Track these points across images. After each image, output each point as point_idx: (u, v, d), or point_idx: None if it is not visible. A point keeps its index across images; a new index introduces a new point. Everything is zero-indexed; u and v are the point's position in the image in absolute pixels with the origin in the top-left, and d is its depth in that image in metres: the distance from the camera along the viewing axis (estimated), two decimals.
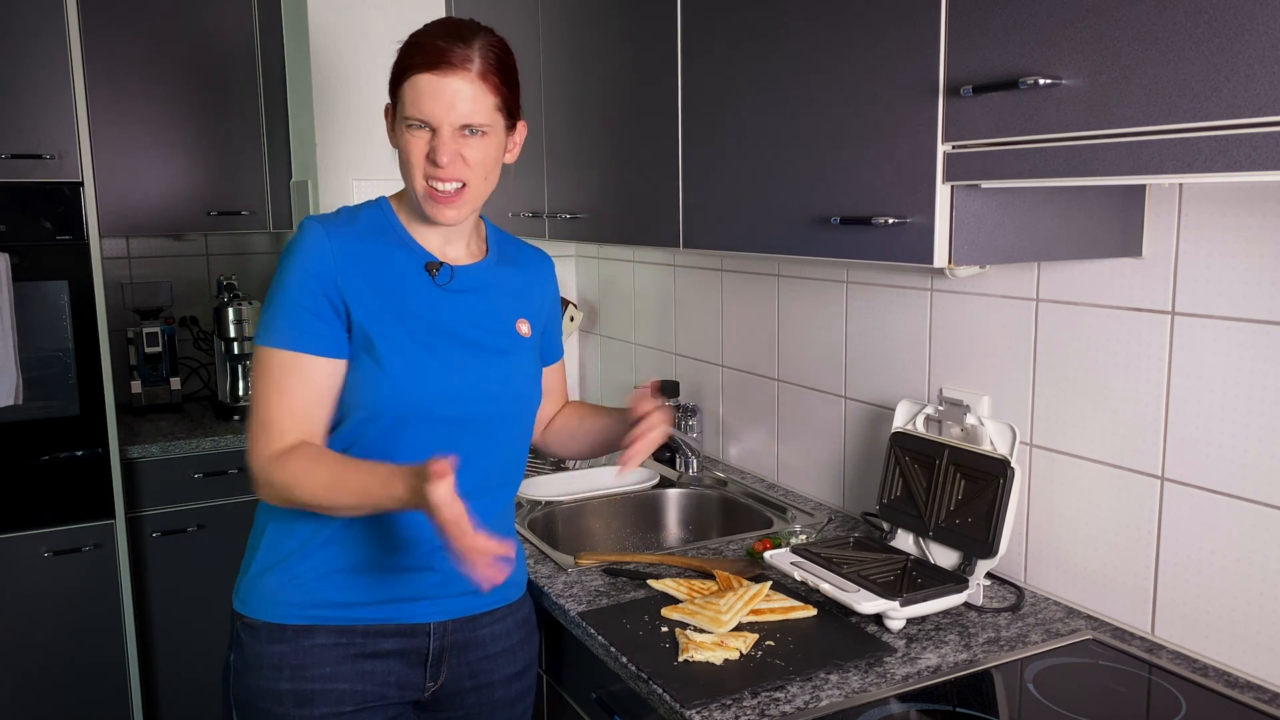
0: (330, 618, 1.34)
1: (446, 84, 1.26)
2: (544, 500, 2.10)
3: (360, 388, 1.31)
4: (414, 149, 1.29)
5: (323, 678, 1.32)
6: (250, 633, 1.35)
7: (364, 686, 1.34)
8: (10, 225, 2.45)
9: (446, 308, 1.36)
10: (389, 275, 1.34)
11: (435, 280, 1.36)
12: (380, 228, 1.36)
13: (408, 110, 1.28)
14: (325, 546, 1.34)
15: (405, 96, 1.28)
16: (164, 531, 2.73)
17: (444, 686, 1.42)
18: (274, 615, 1.34)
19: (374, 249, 1.34)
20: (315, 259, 1.29)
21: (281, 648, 1.32)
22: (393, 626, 1.36)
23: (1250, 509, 1.28)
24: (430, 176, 1.30)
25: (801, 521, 1.94)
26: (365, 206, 1.39)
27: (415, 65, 1.27)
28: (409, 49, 1.30)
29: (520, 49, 2.37)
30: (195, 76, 2.94)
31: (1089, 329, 1.47)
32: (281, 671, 1.32)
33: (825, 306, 2.01)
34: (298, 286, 1.29)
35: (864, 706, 1.23)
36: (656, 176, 1.84)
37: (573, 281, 3.08)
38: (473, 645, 1.43)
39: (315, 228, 1.31)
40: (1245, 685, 1.28)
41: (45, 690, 2.56)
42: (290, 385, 1.28)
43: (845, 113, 1.36)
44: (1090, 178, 1.04)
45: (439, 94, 1.26)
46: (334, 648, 1.33)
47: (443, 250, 1.40)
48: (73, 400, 2.54)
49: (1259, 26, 0.87)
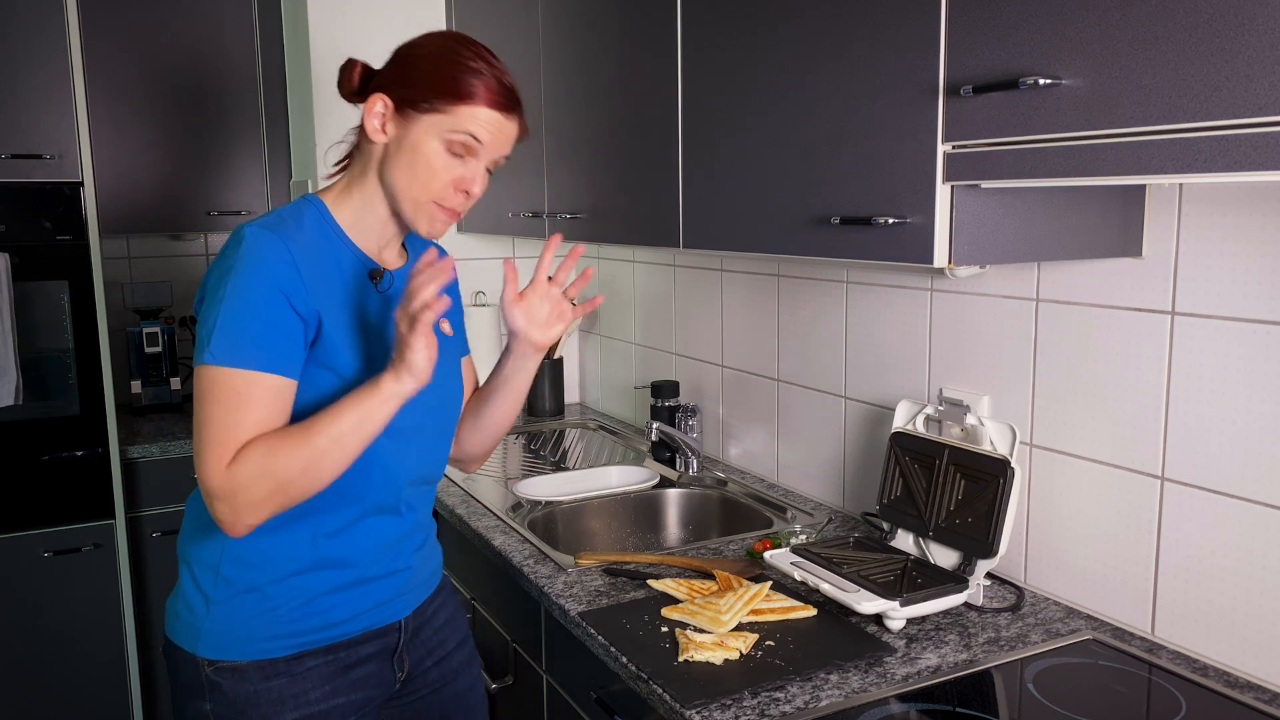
0: (317, 640, 1.31)
1: (507, 126, 1.28)
2: (544, 500, 2.10)
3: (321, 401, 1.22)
4: (447, 168, 1.26)
5: (324, 696, 1.32)
6: (233, 676, 1.27)
7: (355, 695, 1.35)
8: (10, 225, 2.45)
9: (388, 314, 1.32)
10: (340, 282, 1.28)
11: (378, 287, 1.32)
12: (324, 232, 1.29)
13: (463, 126, 1.24)
14: (303, 575, 1.29)
15: (460, 119, 1.24)
16: (164, 531, 2.73)
17: (410, 672, 1.44)
18: (260, 653, 1.28)
19: (325, 254, 1.27)
20: (280, 272, 1.19)
21: (278, 681, 1.28)
22: (373, 631, 1.37)
23: (1250, 509, 1.28)
24: (445, 199, 1.27)
25: (801, 521, 1.94)
26: (305, 208, 1.29)
27: (486, 99, 1.25)
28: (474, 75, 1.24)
29: (520, 49, 2.37)
30: (195, 76, 2.94)
31: (1089, 329, 1.47)
32: (284, 704, 1.28)
33: (825, 306, 2.01)
34: (265, 301, 1.18)
35: (864, 706, 1.23)
36: (656, 176, 1.83)
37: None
38: (423, 627, 1.46)
39: (263, 234, 1.20)
40: (1245, 685, 1.28)
41: (45, 690, 2.56)
42: (249, 402, 1.16)
43: (845, 113, 1.36)
44: (1090, 178, 1.04)
45: (499, 132, 1.27)
46: (325, 665, 1.32)
47: (380, 254, 1.35)
48: (73, 400, 2.54)
49: (1259, 26, 0.87)
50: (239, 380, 1.17)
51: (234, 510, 1.15)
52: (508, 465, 2.43)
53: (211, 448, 1.15)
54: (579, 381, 3.13)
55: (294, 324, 1.20)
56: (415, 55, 1.28)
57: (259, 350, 1.17)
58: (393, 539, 1.36)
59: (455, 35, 1.31)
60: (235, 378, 1.17)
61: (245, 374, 1.17)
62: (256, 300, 1.18)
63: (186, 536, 1.34)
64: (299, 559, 1.28)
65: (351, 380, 1.25)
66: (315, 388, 1.24)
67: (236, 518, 1.16)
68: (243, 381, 1.17)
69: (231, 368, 1.16)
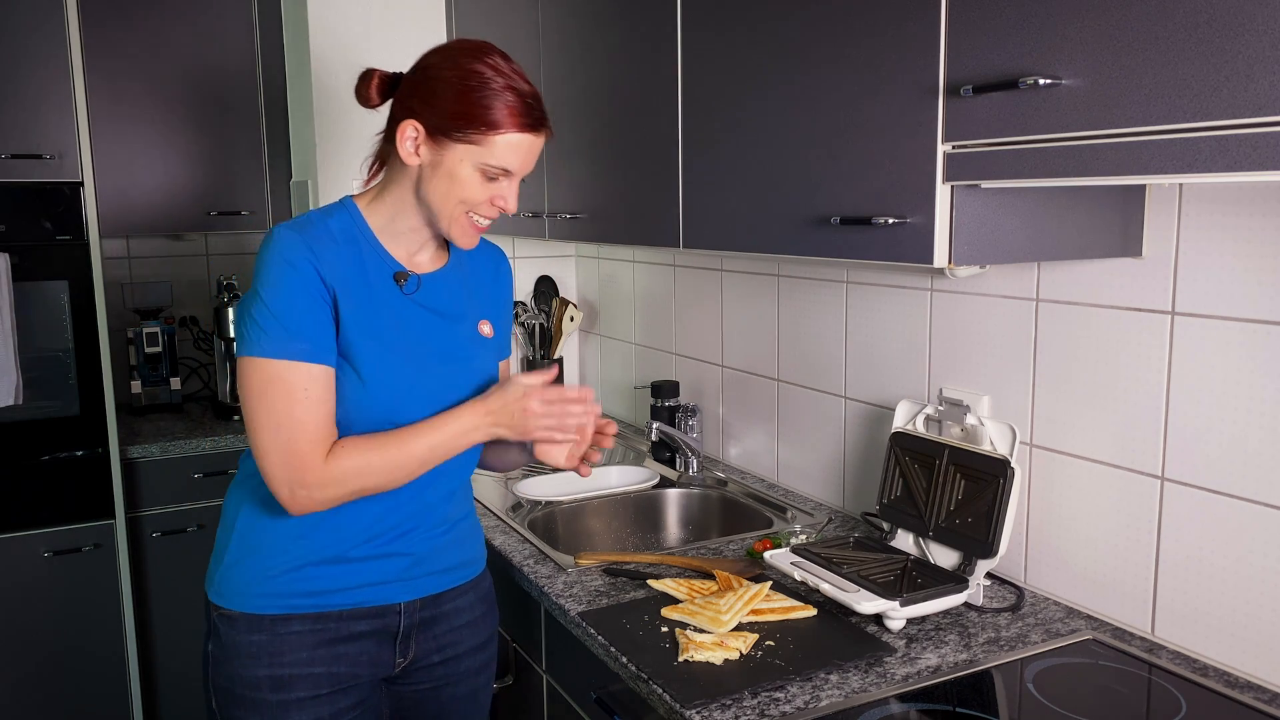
0: (305, 606, 1.36)
1: (537, 144, 1.33)
2: (544, 500, 2.10)
3: (340, 399, 1.31)
4: (482, 189, 1.31)
5: (299, 662, 1.35)
6: (227, 623, 1.36)
7: (339, 669, 1.38)
8: (10, 225, 2.45)
9: (415, 316, 1.38)
10: (364, 284, 1.34)
11: (403, 290, 1.37)
12: (352, 235, 1.35)
13: (497, 161, 1.29)
14: (297, 541, 1.35)
15: (496, 149, 1.28)
16: (164, 531, 2.73)
17: (413, 661, 1.46)
18: (250, 606, 1.36)
19: (350, 256, 1.33)
20: (306, 269, 1.27)
21: (259, 636, 1.35)
22: (365, 609, 1.39)
23: (1250, 509, 1.28)
24: (481, 213, 1.34)
25: (801, 521, 1.94)
26: (335, 211, 1.36)
27: (516, 124, 1.28)
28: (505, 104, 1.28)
29: (520, 49, 2.37)
30: (195, 76, 2.94)
31: (1089, 329, 1.47)
32: (259, 659, 1.35)
33: (825, 306, 2.01)
34: (300, 294, 1.26)
35: (864, 706, 1.23)
36: (656, 176, 1.84)
37: (573, 281, 3.08)
38: (439, 620, 1.47)
39: (292, 235, 1.28)
40: (1245, 685, 1.28)
41: (45, 690, 2.56)
42: (316, 395, 1.27)
43: (845, 113, 1.36)
44: (1090, 178, 1.04)
45: (530, 152, 1.32)
46: (310, 634, 1.36)
47: (411, 259, 1.40)
48: (73, 400, 2.54)
49: (1259, 26, 0.87)
50: (301, 374, 1.26)
51: (314, 500, 1.28)
52: None
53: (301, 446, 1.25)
54: (579, 381, 3.12)
55: (326, 317, 1.29)
56: (439, 79, 1.29)
57: (308, 344, 1.27)
58: (381, 529, 1.39)
59: (473, 50, 1.31)
60: (295, 372, 1.26)
61: (304, 368, 1.26)
62: (293, 293, 1.26)
63: (230, 490, 1.45)
64: (296, 526, 1.35)
65: (368, 380, 1.31)
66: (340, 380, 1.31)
67: (311, 504, 1.28)
68: (305, 375, 1.26)
69: (287, 361, 1.25)
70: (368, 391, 1.31)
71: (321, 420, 1.28)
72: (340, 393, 1.31)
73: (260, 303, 1.26)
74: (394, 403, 1.33)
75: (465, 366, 1.42)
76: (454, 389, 1.39)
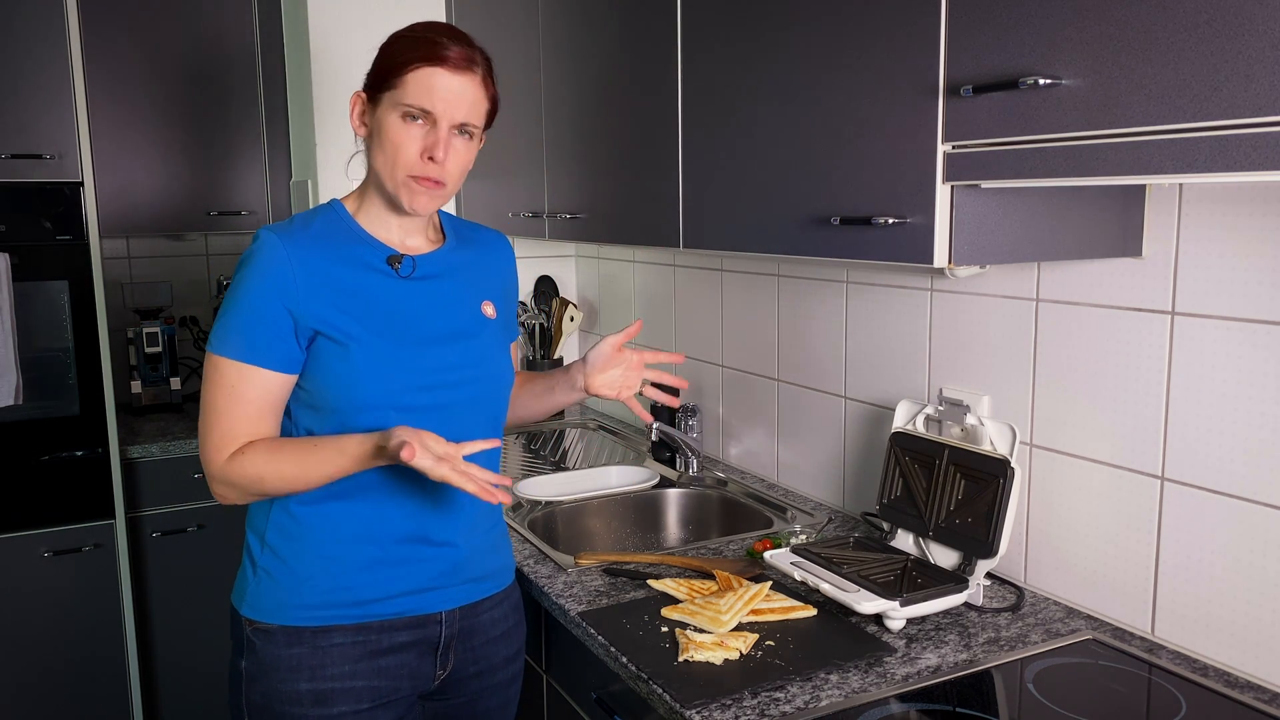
0: (347, 616, 1.34)
1: (455, 80, 1.30)
2: (544, 500, 2.10)
3: (337, 387, 1.31)
4: (408, 140, 1.30)
5: (341, 676, 1.34)
6: (265, 637, 1.34)
7: (380, 682, 1.36)
8: (10, 225, 2.45)
9: (411, 298, 1.38)
10: (349, 275, 1.34)
11: (398, 273, 1.37)
12: (335, 229, 1.37)
13: (409, 99, 1.29)
14: (336, 546, 1.34)
15: (407, 87, 1.29)
16: (164, 531, 2.73)
17: (450, 674, 1.44)
18: (289, 619, 1.34)
19: (331, 251, 1.34)
20: (274, 271, 1.29)
21: (299, 650, 1.33)
22: (407, 619, 1.38)
23: (1250, 509, 1.28)
24: (417, 170, 1.32)
25: (801, 521, 1.94)
26: (319, 211, 1.39)
27: (423, 59, 1.29)
28: (411, 43, 1.31)
29: (520, 49, 2.37)
30: (195, 76, 2.94)
31: (1089, 329, 1.47)
32: (300, 673, 1.33)
33: (825, 306, 2.01)
34: (257, 299, 1.28)
35: (864, 706, 1.23)
36: (656, 176, 1.84)
37: (573, 281, 3.08)
38: (475, 631, 1.46)
39: (271, 238, 1.30)
40: (1245, 685, 1.28)
41: (45, 690, 2.56)
42: (243, 395, 1.29)
43: (845, 113, 1.36)
44: (1090, 178, 1.04)
45: (447, 89, 1.29)
46: (351, 646, 1.34)
47: (402, 243, 1.41)
48: (73, 400, 2.54)
49: (1259, 26, 0.87)
50: (232, 369, 1.29)
51: (223, 495, 1.33)
52: (507, 465, 2.43)
53: (215, 437, 1.30)
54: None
55: (283, 320, 1.29)
56: (379, 50, 1.36)
57: (247, 344, 1.29)
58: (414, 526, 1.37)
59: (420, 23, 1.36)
60: (228, 366, 1.29)
61: (236, 364, 1.29)
62: (250, 296, 1.29)
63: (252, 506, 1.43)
64: (327, 527, 1.35)
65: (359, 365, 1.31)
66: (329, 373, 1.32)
67: (219, 497, 1.34)
68: (236, 373, 1.29)
69: (226, 358, 1.29)
70: (364, 376, 1.31)
71: (237, 419, 1.29)
72: (341, 379, 1.31)
73: (226, 300, 1.31)
74: (392, 384, 1.33)
75: (471, 344, 1.41)
76: (456, 365, 1.38)
